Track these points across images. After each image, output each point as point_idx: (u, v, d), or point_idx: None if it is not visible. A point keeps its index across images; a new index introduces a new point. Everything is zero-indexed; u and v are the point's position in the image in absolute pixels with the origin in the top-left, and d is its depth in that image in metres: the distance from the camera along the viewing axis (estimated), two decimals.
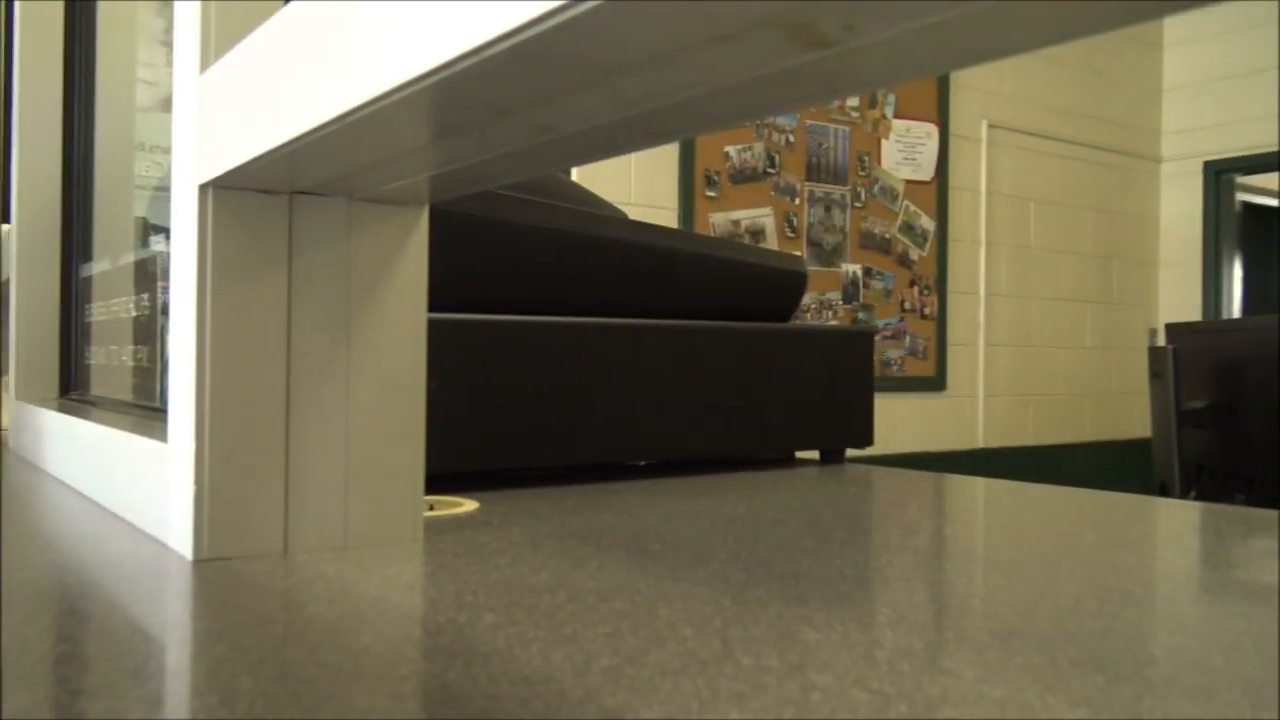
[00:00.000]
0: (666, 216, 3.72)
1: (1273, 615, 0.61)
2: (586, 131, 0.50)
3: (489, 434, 1.00)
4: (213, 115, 0.65)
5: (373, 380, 0.72)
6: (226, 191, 0.67)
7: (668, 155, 3.75)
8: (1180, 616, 0.61)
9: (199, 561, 0.66)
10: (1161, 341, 2.98)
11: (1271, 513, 1.16)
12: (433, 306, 0.75)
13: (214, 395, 0.66)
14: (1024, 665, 0.47)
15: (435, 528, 0.80)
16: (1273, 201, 6.59)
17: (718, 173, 3.90)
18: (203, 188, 0.66)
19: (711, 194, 3.88)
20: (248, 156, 0.59)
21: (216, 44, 0.67)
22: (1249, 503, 2.41)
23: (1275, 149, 5.40)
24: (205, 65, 0.67)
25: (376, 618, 0.55)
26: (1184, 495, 2.56)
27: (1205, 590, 0.70)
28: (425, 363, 0.74)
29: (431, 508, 0.89)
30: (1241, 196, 6.00)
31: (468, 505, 0.91)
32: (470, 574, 0.65)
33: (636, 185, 3.65)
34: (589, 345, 1.06)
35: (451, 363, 0.96)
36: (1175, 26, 5.65)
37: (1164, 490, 2.65)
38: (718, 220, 3.89)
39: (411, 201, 0.73)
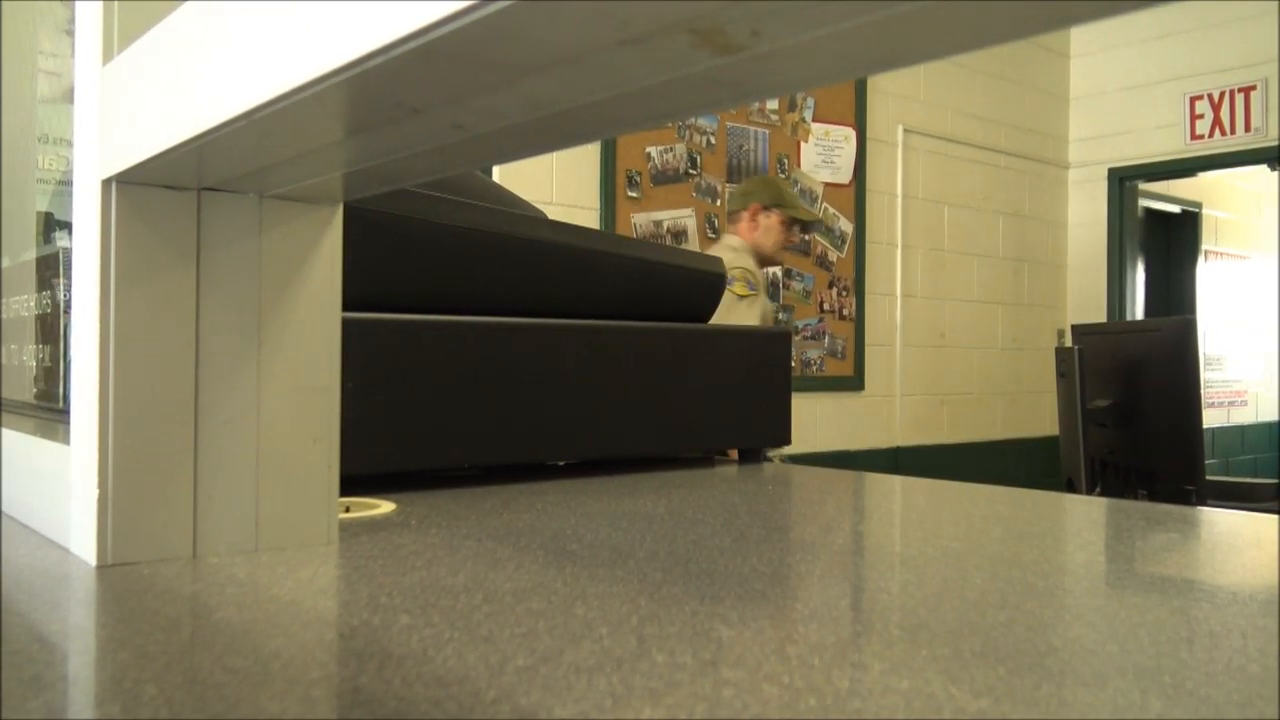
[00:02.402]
0: (588, 217, 3.72)
1: (1165, 605, 0.64)
2: (500, 131, 0.50)
3: (407, 435, 0.99)
4: (117, 108, 0.63)
5: (285, 381, 0.71)
6: (131, 187, 0.65)
7: (589, 155, 3.75)
8: (1079, 608, 0.64)
9: (102, 567, 0.64)
10: (1068, 342, 3.08)
11: (1169, 507, 1.21)
12: (348, 306, 0.74)
13: (118, 397, 0.64)
14: (930, 657, 0.48)
15: (351, 530, 0.79)
16: (1173, 208, 6.84)
17: (639, 173, 3.91)
18: (106, 183, 0.65)
19: (633, 194, 3.90)
20: (153, 151, 0.58)
21: (120, 35, 0.65)
22: (1150, 498, 2.51)
23: (1176, 157, 5.62)
24: (109, 56, 0.65)
25: (288, 621, 0.54)
26: (1089, 491, 2.64)
27: (1104, 583, 0.73)
28: (340, 363, 0.73)
29: (347, 510, 0.87)
30: (1144, 203, 6.22)
31: (385, 507, 0.90)
32: (385, 576, 0.64)
33: (558, 185, 3.65)
34: (508, 345, 1.05)
35: (368, 363, 0.95)
36: (1082, 37, 5.83)
37: (1070, 486, 2.74)
38: (639, 221, 3.90)
39: (325, 199, 0.72)
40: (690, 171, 4.12)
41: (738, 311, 2.93)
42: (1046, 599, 0.65)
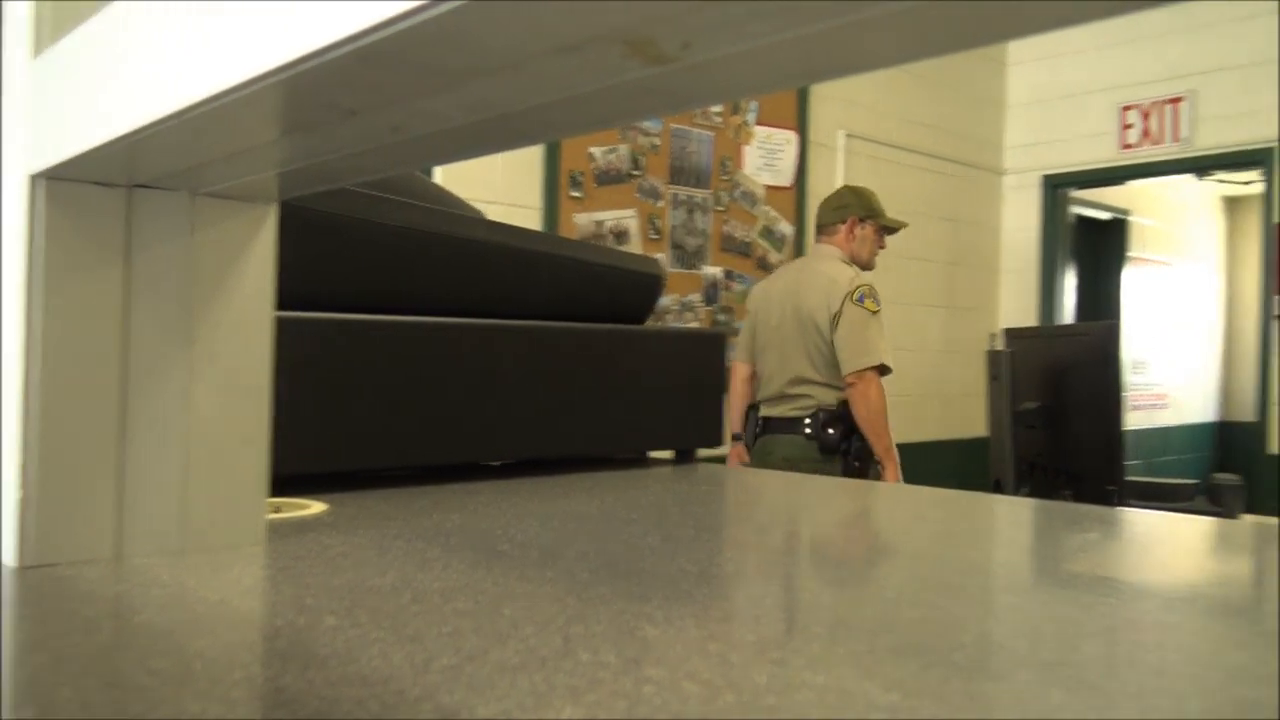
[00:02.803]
0: (531, 216, 3.72)
1: (1074, 601, 0.66)
2: (438, 134, 0.50)
3: (340, 435, 0.99)
4: (45, 102, 0.62)
5: (215, 381, 0.70)
6: (60, 183, 0.64)
7: (533, 155, 3.75)
8: (992, 605, 0.66)
9: (23, 568, 0.63)
10: (1000, 346, 3.15)
11: (1090, 507, 1.24)
12: (282, 305, 0.73)
13: (43, 397, 0.63)
14: (847, 654, 0.50)
15: (280, 531, 0.79)
16: (1103, 215, 7.02)
17: (583, 174, 3.92)
18: (34, 178, 0.64)
19: (576, 194, 3.90)
20: (83, 147, 0.57)
21: (51, 28, 0.64)
22: (1075, 498, 2.58)
23: (1107, 166, 5.77)
24: (39, 49, 0.64)
25: (213, 622, 0.54)
26: (1017, 492, 2.71)
27: (1019, 581, 0.76)
28: (271, 362, 0.73)
29: (278, 510, 0.87)
30: (1075, 209, 6.37)
31: (315, 507, 0.90)
32: (313, 577, 0.64)
33: (501, 184, 3.63)
34: (443, 345, 1.06)
35: (301, 363, 0.94)
36: (1019, 46, 5.96)
37: (998, 487, 2.80)
38: (582, 221, 3.91)
39: (259, 198, 0.71)
40: (633, 172, 4.13)
41: (874, 327, 2.98)
42: (962, 596, 0.68)
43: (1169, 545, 0.96)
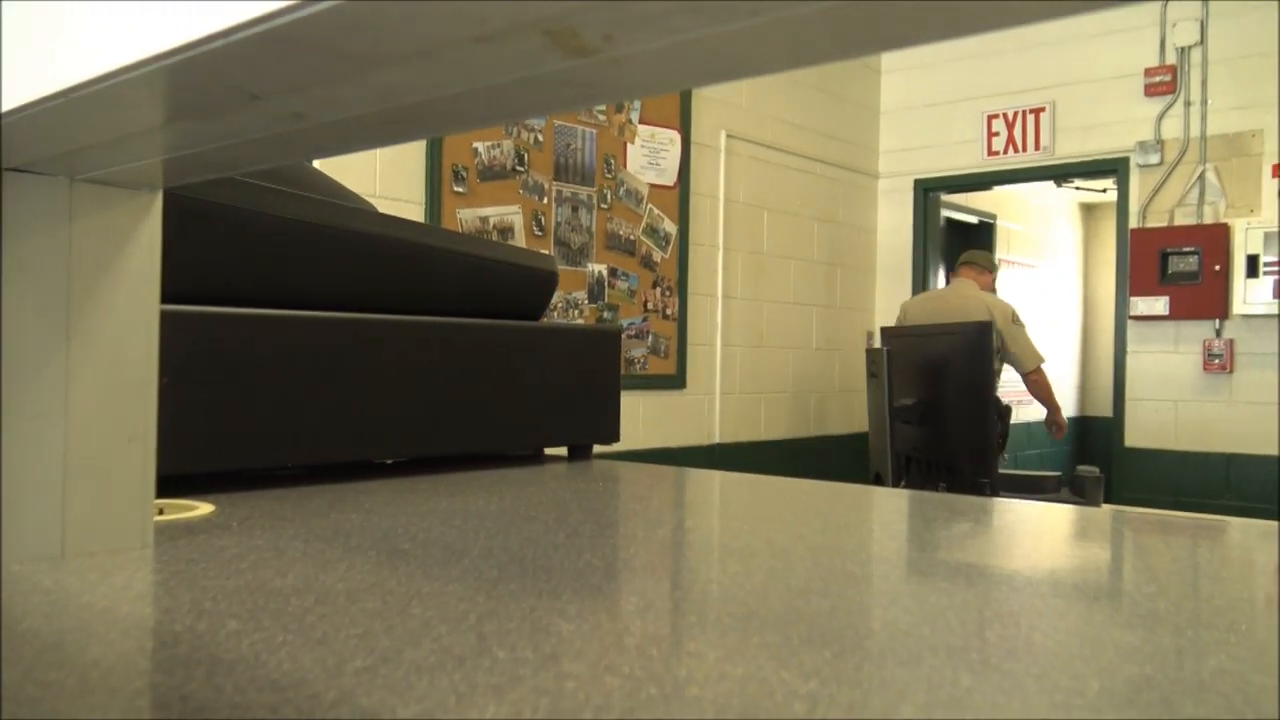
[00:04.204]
0: (413, 211, 3.65)
1: (970, 589, 0.68)
2: (343, 122, 0.49)
3: (228, 433, 0.95)
4: None
5: (97, 376, 0.67)
6: None
7: (415, 148, 3.68)
8: (893, 593, 0.68)
9: None
10: (876, 344, 3.23)
11: (967, 498, 1.29)
12: (168, 298, 0.70)
13: None
14: (761, 644, 0.51)
15: (167, 533, 0.76)
16: (971, 218, 7.31)
17: (466, 169, 3.86)
18: None
19: (460, 190, 3.84)
20: None
21: None
22: (949, 490, 2.67)
23: (975, 171, 6.00)
24: None
25: (105, 630, 0.51)
26: (895, 484, 2.79)
27: (915, 569, 0.78)
28: (157, 357, 0.70)
29: (161, 512, 0.83)
30: (946, 213, 6.61)
31: (202, 509, 0.86)
32: (208, 580, 0.62)
33: (382, 178, 3.56)
34: (335, 341, 1.03)
35: (188, 357, 0.90)
36: (893, 55, 6.14)
37: (878, 480, 2.89)
38: (466, 217, 3.86)
39: (143, 185, 0.68)
40: (518, 168, 4.10)
41: (1025, 335, 4.21)
42: (865, 586, 0.69)
43: (1045, 533, 1.00)
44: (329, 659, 0.47)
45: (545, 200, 4.22)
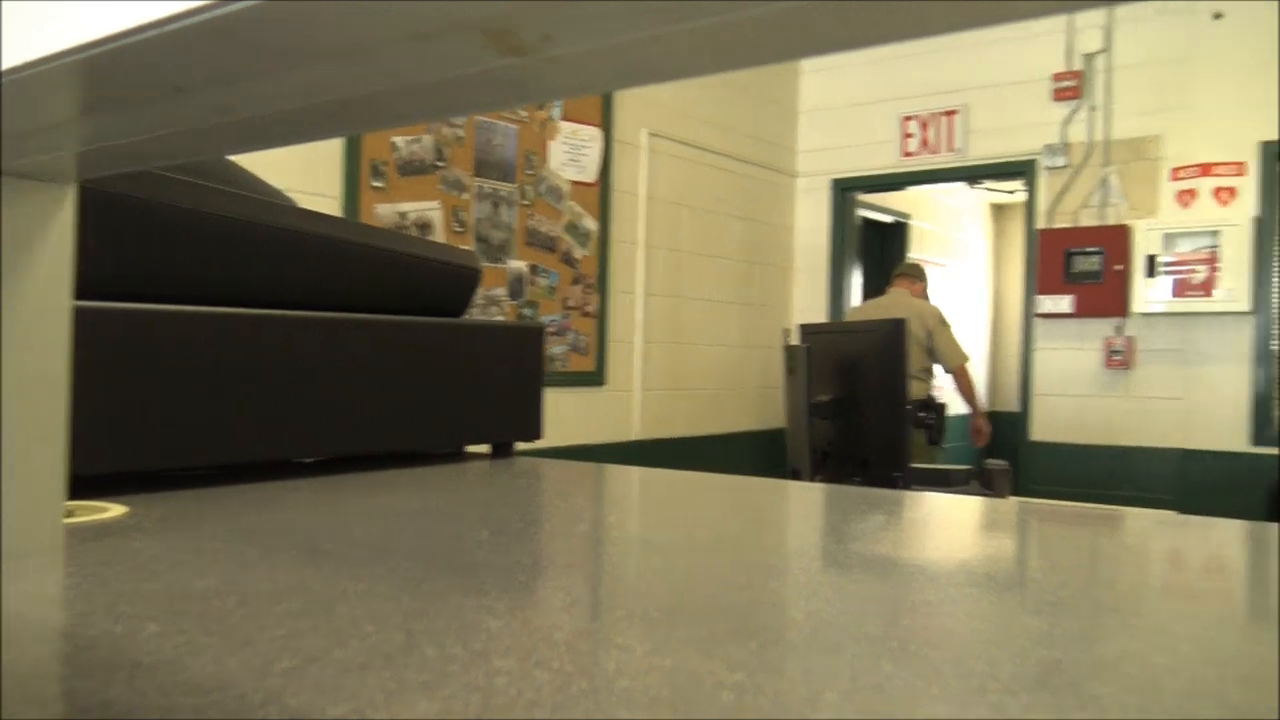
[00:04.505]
0: (330, 206, 3.58)
1: (887, 579, 0.70)
2: (270, 117, 0.48)
3: (141, 432, 0.93)
4: None
5: (6, 374, 0.65)
6: None
7: (333, 142, 3.62)
8: (814, 585, 0.69)
9: None
10: (794, 341, 3.29)
11: (882, 491, 1.32)
12: (80, 294, 0.68)
13: None
14: (688, 637, 0.51)
15: (78, 535, 0.74)
16: (886, 218, 7.45)
17: (385, 164, 3.81)
18: None
19: (378, 185, 3.79)
20: None
21: None
22: (864, 483, 2.73)
23: (890, 172, 6.12)
24: None
25: (16, 635, 0.50)
26: (812, 478, 2.84)
27: (834, 561, 0.80)
28: (69, 355, 0.68)
29: (70, 514, 0.81)
30: (862, 212, 6.73)
31: (114, 510, 0.84)
32: (124, 583, 0.60)
33: (298, 173, 3.49)
34: (255, 337, 1.01)
35: (100, 355, 0.88)
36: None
37: (795, 474, 2.93)
38: (384, 212, 3.80)
39: (56, 178, 0.66)
40: (438, 164, 4.06)
41: (951, 335, 4.68)
42: (785, 578, 0.71)
43: (957, 525, 1.03)
44: (254, 660, 0.46)
45: (465, 196, 4.19)
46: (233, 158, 1.16)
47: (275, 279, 1.06)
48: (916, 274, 5.03)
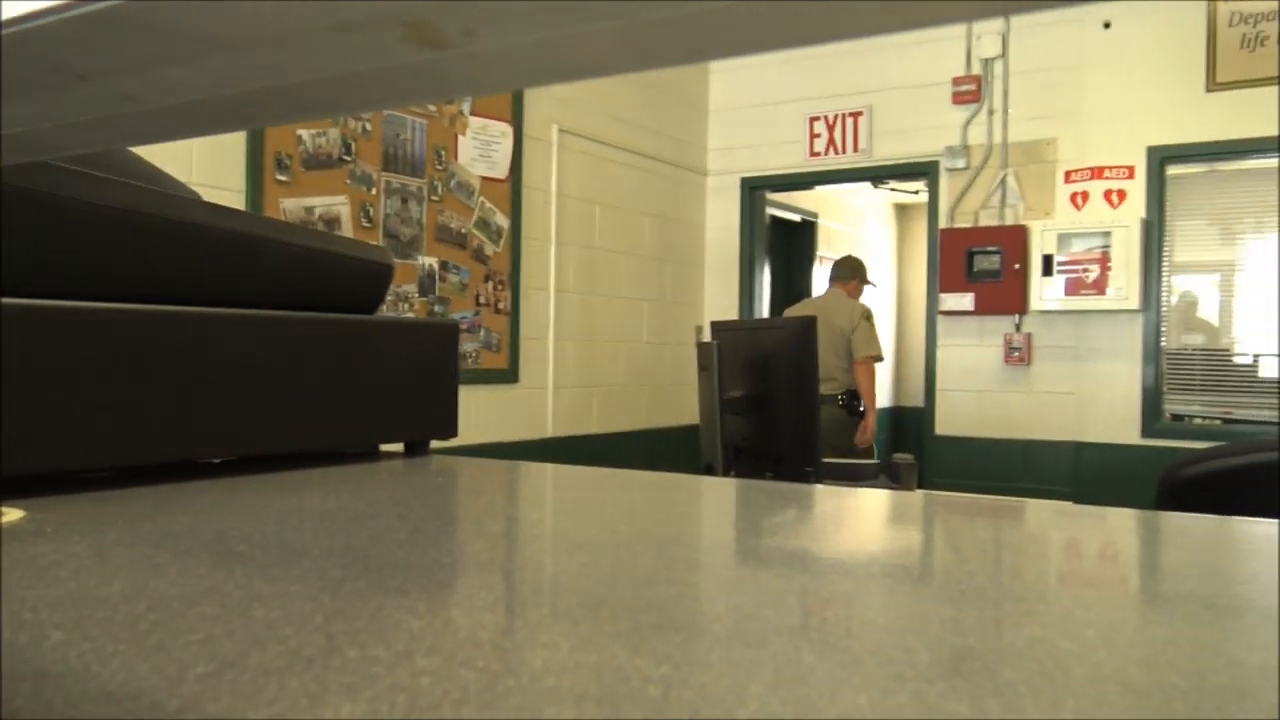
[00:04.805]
0: (233, 200, 3.49)
1: (805, 573, 0.72)
2: (180, 107, 0.47)
3: (38, 433, 0.89)
4: None
5: None
6: None
7: (235, 135, 3.52)
8: (735, 579, 0.70)
9: None
10: (706, 337, 3.32)
11: (796, 486, 1.34)
12: None
13: None
14: (613, 632, 0.52)
15: None
16: (795, 217, 7.57)
17: (290, 157, 3.72)
18: None
19: (283, 178, 3.70)
20: None
21: None
22: (777, 478, 2.77)
23: (798, 171, 6.22)
24: None
25: None
26: (726, 473, 2.87)
27: (753, 555, 0.81)
28: None
29: None
30: (771, 211, 6.83)
31: (11, 514, 0.80)
32: (25, 590, 0.58)
33: (199, 165, 3.38)
34: (157, 335, 0.98)
35: None
36: None
37: (709, 470, 2.96)
38: (289, 206, 3.71)
39: None
40: (345, 158, 3.98)
41: (870, 330, 5.04)
42: (706, 573, 0.71)
43: (869, 518, 1.06)
44: (168, 666, 0.45)
45: (374, 191, 4.12)
46: (135, 149, 1.13)
47: (181, 275, 1.03)
48: (846, 274, 5.32)
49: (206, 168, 3.44)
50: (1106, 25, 5.12)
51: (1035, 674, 0.46)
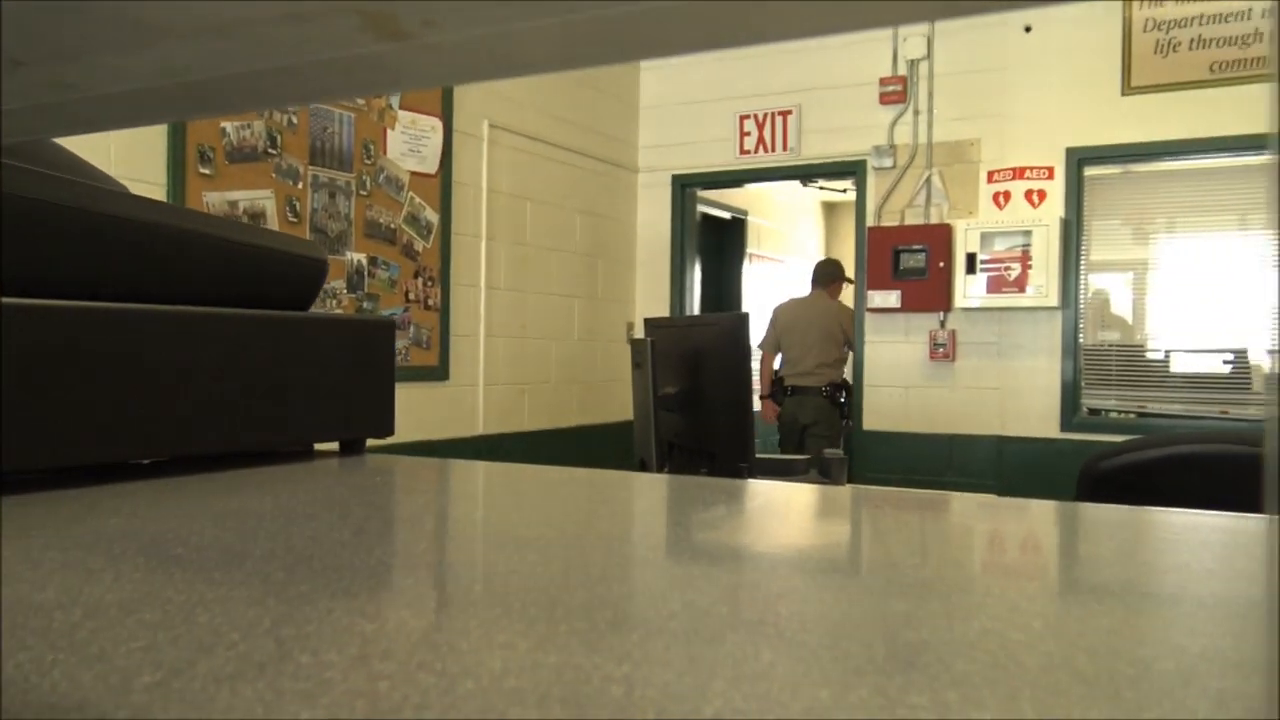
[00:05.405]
0: (153, 193, 3.38)
1: (755, 569, 0.72)
2: (122, 95, 0.45)
3: None
4: None
5: None
6: None
7: (155, 125, 3.42)
8: (687, 575, 0.70)
9: None
10: (638, 334, 3.33)
11: (732, 481, 1.35)
12: None
13: None
14: (570, 631, 0.51)
15: None
16: (725, 214, 7.62)
17: (213, 149, 3.63)
18: None
19: (206, 171, 3.60)
20: None
21: None
22: (711, 473, 2.78)
23: (728, 169, 6.26)
24: None
25: None
26: (660, 470, 2.88)
27: (702, 551, 0.81)
28: None
29: None
30: (702, 208, 6.86)
31: None
32: None
33: (117, 156, 3.28)
34: (84, 332, 0.94)
35: None
36: None
37: (644, 466, 2.96)
38: (213, 200, 3.62)
39: None
40: (270, 151, 3.90)
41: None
42: (656, 569, 0.71)
43: (810, 512, 1.07)
44: (112, 676, 0.43)
45: (300, 185, 4.04)
46: (59, 140, 1.08)
47: (109, 270, 0.99)
48: (824, 279, 5.78)
49: (125, 159, 3.34)
50: (1028, 29, 5.24)
51: (990, 665, 0.47)
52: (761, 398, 5.65)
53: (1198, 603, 0.62)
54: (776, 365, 5.72)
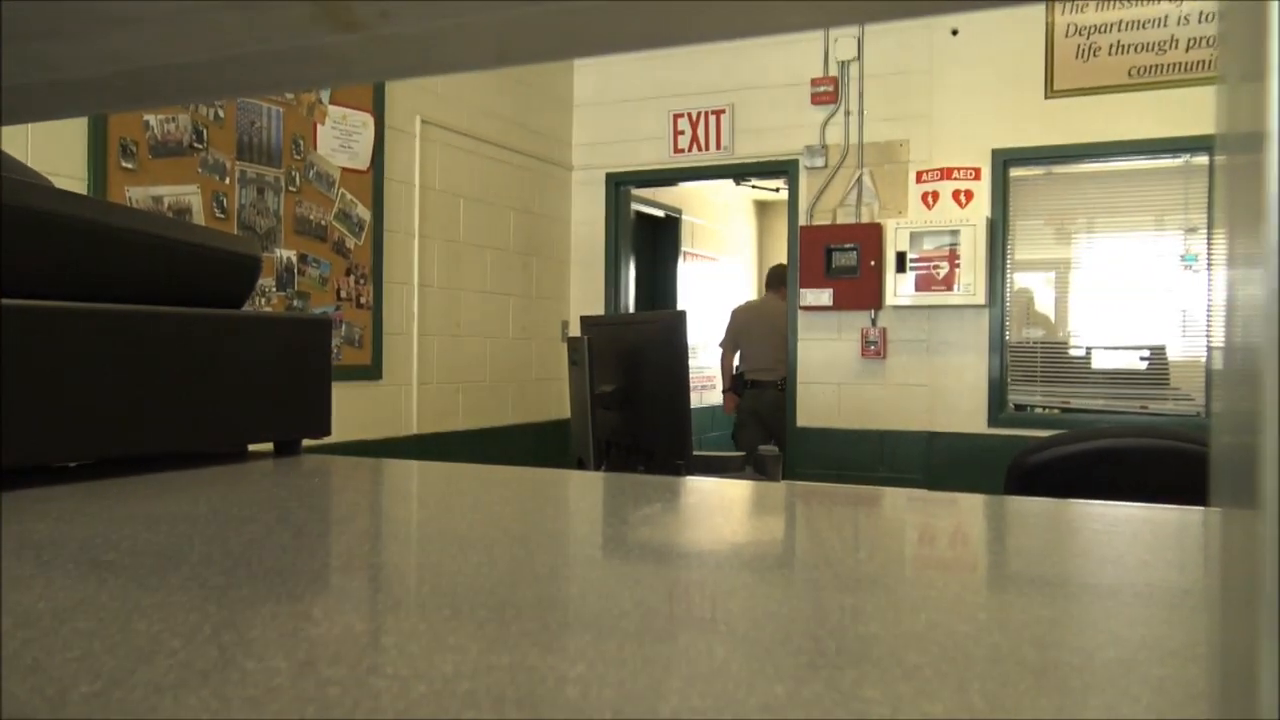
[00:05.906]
0: (73, 188, 3.28)
1: (702, 566, 0.72)
2: (55, 84, 0.44)
3: None
4: None
5: None
6: None
7: (75, 119, 3.31)
8: (635, 574, 0.70)
9: None
10: (574, 332, 3.32)
11: (670, 479, 1.35)
12: None
13: None
14: (521, 632, 0.51)
15: None
16: (659, 212, 7.64)
17: (136, 143, 3.52)
18: None
19: (129, 166, 3.50)
20: None
21: None
22: (648, 471, 2.78)
23: (662, 167, 6.27)
24: None
25: None
26: (597, 468, 2.87)
27: (648, 549, 0.81)
28: None
29: None
30: (636, 206, 6.87)
31: None
32: None
33: (35, 149, 3.17)
34: (8, 330, 0.91)
35: None
36: None
37: (581, 464, 2.95)
38: (136, 195, 3.52)
39: None
40: (196, 145, 3.80)
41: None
42: (603, 569, 0.71)
43: (749, 509, 1.07)
44: (47, 687, 0.42)
45: (227, 181, 3.95)
46: None
47: (35, 267, 0.96)
48: (780, 282, 6.11)
49: (44, 152, 3.23)
50: (954, 32, 5.34)
51: (939, 657, 0.47)
52: (723, 391, 6.31)
53: (1134, 593, 0.64)
54: (736, 362, 6.18)
